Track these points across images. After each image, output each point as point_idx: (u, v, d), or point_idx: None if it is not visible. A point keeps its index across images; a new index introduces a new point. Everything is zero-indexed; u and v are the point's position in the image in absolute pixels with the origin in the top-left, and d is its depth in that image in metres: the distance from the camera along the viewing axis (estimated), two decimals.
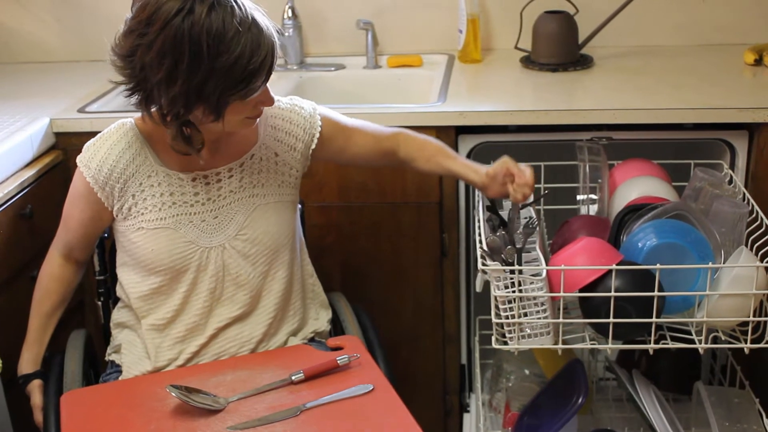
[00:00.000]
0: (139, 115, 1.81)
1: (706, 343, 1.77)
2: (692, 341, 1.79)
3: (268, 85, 1.70)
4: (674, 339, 1.81)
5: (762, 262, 1.73)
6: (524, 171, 1.85)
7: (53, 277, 1.93)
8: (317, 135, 1.90)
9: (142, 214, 1.80)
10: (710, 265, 1.72)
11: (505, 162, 1.88)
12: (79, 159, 1.81)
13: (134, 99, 1.70)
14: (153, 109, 1.69)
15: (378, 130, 1.99)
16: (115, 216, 1.83)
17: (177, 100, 1.63)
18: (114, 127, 1.82)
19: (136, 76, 1.65)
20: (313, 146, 1.90)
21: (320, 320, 1.98)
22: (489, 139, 2.28)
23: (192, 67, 1.58)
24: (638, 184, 2.04)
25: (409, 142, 1.99)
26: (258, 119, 1.76)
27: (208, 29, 1.57)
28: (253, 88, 1.64)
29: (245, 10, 1.61)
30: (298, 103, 1.91)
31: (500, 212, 2.01)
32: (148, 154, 1.80)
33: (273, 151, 1.87)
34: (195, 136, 1.72)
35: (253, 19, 1.61)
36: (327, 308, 2.01)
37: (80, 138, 1.87)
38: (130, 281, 1.85)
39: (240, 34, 1.58)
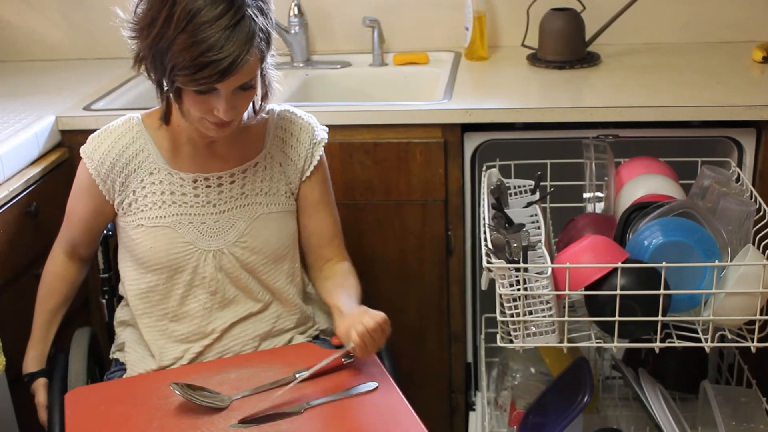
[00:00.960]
0: (147, 111, 1.83)
1: (712, 341, 1.76)
2: (699, 340, 1.78)
3: (229, 101, 1.65)
4: (680, 338, 1.80)
5: None
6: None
7: (57, 275, 1.94)
8: (314, 164, 1.88)
9: (142, 210, 1.80)
10: (717, 263, 1.71)
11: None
12: (82, 150, 1.82)
13: (131, 47, 1.70)
14: (142, 66, 1.70)
15: (338, 238, 1.94)
16: (116, 210, 1.83)
17: (148, 55, 1.64)
18: (120, 121, 1.83)
19: (133, 23, 1.67)
20: (308, 173, 1.88)
21: (322, 323, 1.97)
22: (495, 137, 2.27)
23: (162, 30, 1.59)
24: (645, 182, 2.03)
25: (337, 268, 1.92)
26: (222, 129, 1.71)
27: (187, 4, 1.56)
28: (197, 79, 1.59)
29: (242, 14, 1.58)
30: (315, 126, 1.90)
31: (506, 210, 2.00)
32: (152, 151, 1.80)
33: (278, 162, 1.87)
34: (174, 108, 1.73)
35: (239, 26, 1.57)
36: (330, 315, 2.00)
37: (86, 136, 1.87)
38: (128, 278, 1.86)
39: (211, 25, 1.55)
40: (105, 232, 1.97)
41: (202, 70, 1.57)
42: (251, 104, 1.77)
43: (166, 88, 1.68)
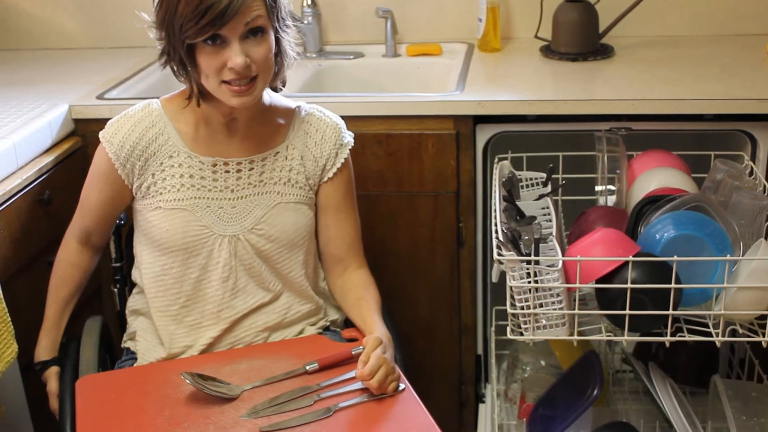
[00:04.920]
0: (166, 96, 1.85)
1: (723, 336, 1.76)
2: (709, 334, 1.77)
3: (238, 47, 1.67)
4: (691, 332, 1.79)
5: None
6: (362, 369, 1.64)
7: (70, 263, 1.94)
8: (338, 166, 1.89)
9: (161, 193, 1.81)
10: (728, 257, 1.70)
11: (367, 350, 1.68)
12: (101, 134, 1.83)
13: (157, 46, 1.75)
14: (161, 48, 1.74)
15: (357, 243, 1.94)
16: (134, 194, 1.84)
17: (163, 33, 1.69)
18: (140, 106, 1.84)
19: (154, 4, 1.72)
20: (330, 174, 1.89)
21: (332, 315, 1.98)
22: (507, 129, 2.26)
23: None
24: (657, 175, 2.03)
25: (356, 277, 1.93)
26: (242, 95, 1.71)
27: None
28: (202, 27, 1.63)
29: None
30: (343, 128, 1.91)
31: (517, 202, 2.00)
32: (171, 135, 1.81)
33: (300, 154, 1.87)
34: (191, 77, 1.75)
35: None
36: (340, 310, 2.00)
37: (99, 125, 1.88)
38: (143, 261, 1.87)
39: None
40: (117, 221, 1.98)
41: (204, 16, 1.62)
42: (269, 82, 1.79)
43: (188, 69, 1.71)
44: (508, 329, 1.81)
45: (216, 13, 1.62)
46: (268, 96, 1.86)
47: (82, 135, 2.33)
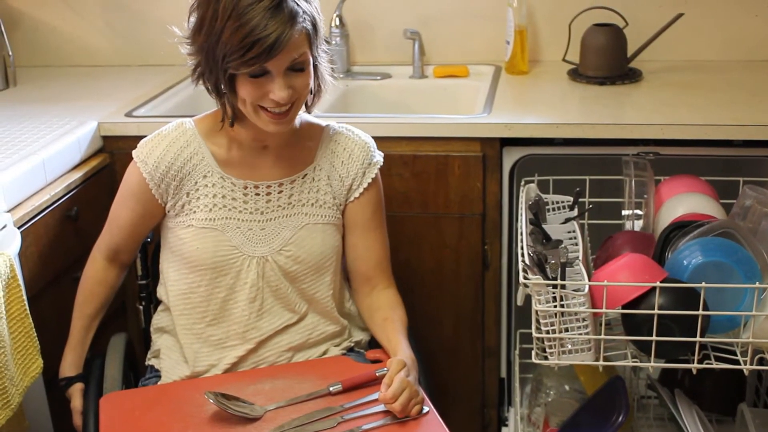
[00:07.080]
0: (199, 116, 1.86)
1: (751, 364, 1.74)
2: (737, 362, 1.76)
3: (282, 81, 1.67)
4: (718, 359, 1.78)
5: None
6: (385, 392, 1.64)
7: (97, 280, 1.95)
8: (364, 185, 1.89)
9: (194, 212, 1.82)
10: (757, 284, 1.69)
11: (391, 373, 1.67)
12: (135, 154, 1.83)
13: (189, 62, 1.76)
14: (194, 66, 1.76)
15: (385, 262, 1.94)
16: (167, 212, 1.85)
17: (202, 58, 1.70)
18: (173, 126, 1.85)
19: (188, 36, 1.73)
20: (356, 194, 1.89)
21: (356, 336, 1.97)
22: (534, 152, 2.26)
23: (211, 25, 1.65)
24: (685, 201, 2.01)
25: (383, 297, 1.92)
26: (280, 121, 1.73)
27: None
28: (247, 60, 1.62)
29: None
30: (372, 147, 1.91)
31: (543, 226, 1.99)
32: (205, 155, 1.82)
33: (326, 174, 1.87)
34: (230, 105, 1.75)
35: (280, 6, 1.62)
36: (364, 331, 1.99)
37: (127, 142, 1.89)
38: (170, 278, 1.87)
39: (254, 8, 1.61)
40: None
41: (250, 50, 1.62)
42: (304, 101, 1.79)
43: (224, 92, 1.72)
44: (533, 353, 1.80)
45: (264, 48, 1.61)
46: (299, 117, 1.86)
47: (111, 152, 2.35)
